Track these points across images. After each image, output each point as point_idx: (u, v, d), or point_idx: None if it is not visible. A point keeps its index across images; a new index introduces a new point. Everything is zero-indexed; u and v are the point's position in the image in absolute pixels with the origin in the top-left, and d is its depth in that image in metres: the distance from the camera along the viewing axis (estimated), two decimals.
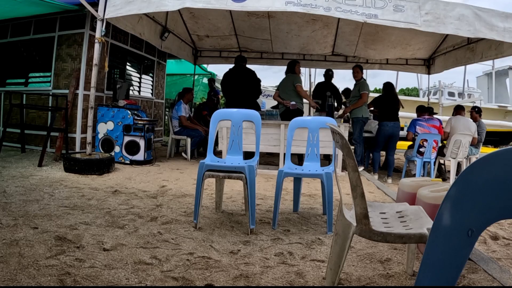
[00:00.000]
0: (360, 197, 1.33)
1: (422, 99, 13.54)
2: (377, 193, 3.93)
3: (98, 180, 3.72)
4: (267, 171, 4.80)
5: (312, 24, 6.35)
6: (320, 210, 2.98)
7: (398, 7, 3.85)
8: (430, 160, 4.98)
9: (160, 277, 1.64)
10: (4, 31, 5.72)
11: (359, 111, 5.27)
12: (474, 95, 17.07)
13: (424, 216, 1.52)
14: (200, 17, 6.36)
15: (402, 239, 1.33)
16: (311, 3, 3.81)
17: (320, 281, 1.69)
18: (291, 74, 5.38)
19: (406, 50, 7.14)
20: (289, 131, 2.76)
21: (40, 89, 5.55)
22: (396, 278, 1.74)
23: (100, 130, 4.89)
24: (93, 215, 2.49)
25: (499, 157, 0.84)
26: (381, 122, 5.25)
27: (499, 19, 3.88)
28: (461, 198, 0.88)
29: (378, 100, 5.60)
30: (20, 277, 1.54)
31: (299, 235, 2.34)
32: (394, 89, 5.46)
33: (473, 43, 5.62)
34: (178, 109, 5.83)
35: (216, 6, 3.95)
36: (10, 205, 2.57)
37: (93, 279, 1.57)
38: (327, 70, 6.39)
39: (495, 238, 2.47)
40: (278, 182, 2.49)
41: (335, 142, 1.57)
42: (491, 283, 1.74)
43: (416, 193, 2.13)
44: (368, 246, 2.16)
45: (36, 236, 2.02)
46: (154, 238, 2.13)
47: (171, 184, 3.77)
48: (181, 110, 5.80)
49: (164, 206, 2.86)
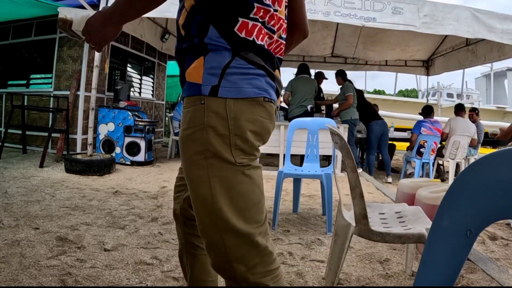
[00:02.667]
0: (359, 198, 1.34)
1: (421, 100, 13.56)
2: (376, 193, 3.94)
3: (99, 180, 3.73)
4: (267, 172, 4.81)
5: (311, 26, 6.25)
6: (320, 211, 2.99)
7: (397, 9, 3.87)
8: (429, 161, 4.99)
9: (161, 277, 1.65)
10: (5, 33, 5.74)
11: (347, 113, 5.29)
12: (472, 96, 17.11)
13: (423, 216, 1.53)
14: None
15: (401, 239, 1.34)
16: (310, 8, 3.83)
17: (320, 281, 1.70)
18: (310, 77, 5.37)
19: (405, 52, 7.16)
20: (289, 132, 2.77)
21: (41, 90, 5.57)
22: (395, 278, 1.75)
23: (101, 131, 4.90)
24: (94, 216, 2.50)
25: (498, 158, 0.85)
26: (369, 123, 5.35)
27: (497, 21, 3.90)
28: (459, 199, 0.89)
29: None
30: (21, 277, 1.55)
31: (298, 235, 2.35)
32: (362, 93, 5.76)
33: (472, 44, 5.63)
34: (180, 109, 5.85)
35: None
36: (11, 205, 2.58)
37: (94, 279, 1.58)
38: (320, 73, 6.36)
39: (494, 238, 2.49)
40: (277, 182, 2.50)
41: (334, 143, 1.58)
42: (489, 283, 1.75)
43: (415, 193, 2.14)
44: (368, 246, 2.17)
45: (38, 236, 2.03)
46: (155, 239, 2.14)
47: (171, 184, 3.78)
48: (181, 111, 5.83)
49: (164, 207, 2.87)
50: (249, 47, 0.83)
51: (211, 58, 0.82)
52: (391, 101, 12.54)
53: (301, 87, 5.16)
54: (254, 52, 0.84)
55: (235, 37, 0.82)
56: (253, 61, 0.83)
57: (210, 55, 0.83)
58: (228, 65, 0.82)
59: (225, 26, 0.82)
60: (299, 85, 5.18)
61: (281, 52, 0.95)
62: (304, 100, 5.07)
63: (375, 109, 5.65)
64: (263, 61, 0.85)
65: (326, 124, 1.69)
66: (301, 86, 5.17)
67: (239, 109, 0.81)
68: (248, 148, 0.83)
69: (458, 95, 16.54)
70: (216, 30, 0.82)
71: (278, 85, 0.92)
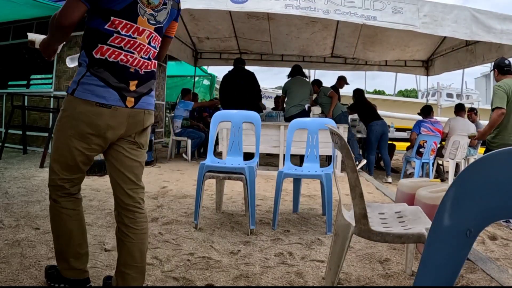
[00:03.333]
0: (359, 198, 1.34)
1: (420, 100, 13.57)
2: (376, 193, 3.94)
3: (99, 181, 3.73)
4: (267, 172, 4.82)
5: (311, 26, 6.37)
6: (320, 211, 2.99)
7: (397, 9, 3.88)
8: (428, 161, 5.00)
9: (161, 277, 1.66)
10: (6, 33, 5.75)
11: (337, 110, 5.45)
12: (472, 96, 17.11)
13: (422, 216, 1.53)
14: (200, 19, 6.39)
15: (400, 239, 1.34)
16: (310, 6, 3.84)
17: (320, 281, 1.70)
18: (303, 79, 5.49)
19: (404, 52, 7.17)
20: (289, 132, 2.77)
21: (41, 91, 5.57)
22: (395, 278, 1.76)
23: None
24: (94, 216, 2.51)
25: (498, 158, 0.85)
26: (369, 123, 5.38)
27: (496, 21, 3.91)
28: (459, 199, 0.89)
29: (354, 107, 5.83)
30: (22, 277, 1.56)
31: (298, 235, 2.35)
32: (363, 93, 5.88)
33: (472, 44, 5.64)
34: (184, 104, 5.86)
35: (216, 7, 3.98)
36: (12, 206, 2.59)
37: (95, 280, 1.59)
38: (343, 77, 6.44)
39: (494, 238, 2.49)
40: (278, 183, 2.51)
41: (334, 143, 1.58)
42: (489, 283, 1.75)
43: (415, 193, 2.15)
44: (367, 246, 2.18)
45: (38, 236, 2.03)
46: (155, 239, 2.14)
47: (171, 185, 3.79)
48: (188, 105, 5.86)
49: (164, 207, 2.87)
50: (101, 64, 1.27)
51: (78, 71, 1.31)
52: (391, 101, 12.56)
53: (296, 88, 5.30)
54: (105, 67, 1.28)
55: (91, 57, 1.28)
56: (99, 76, 1.27)
57: (79, 69, 1.31)
58: (83, 77, 1.28)
59: (88, 50, 1.29)
60: (294, 86, 5.32)
61: (147, 67, 1.39)
62: (301, 100, 5.17)
63: (375, 109, 5.67)
64: (112, 75, 1.29)
65: (326, 124, 1.70)
66: (296, 87, 5.31)
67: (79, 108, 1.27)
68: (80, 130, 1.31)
69: (458, 95, 16.54)
70: (84, 52, 1.30)
71: (127, 93, 1.33)
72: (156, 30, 1.40)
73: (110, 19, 1.27)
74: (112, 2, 1.26)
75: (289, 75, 5.51)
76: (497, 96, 3.11)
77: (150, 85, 1.42)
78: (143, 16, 1.34)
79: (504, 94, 3.08)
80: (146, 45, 1.36)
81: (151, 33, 1.38)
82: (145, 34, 1.35)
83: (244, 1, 3.92)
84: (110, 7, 1.26)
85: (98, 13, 1.26)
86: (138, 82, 1.35)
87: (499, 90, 3.12)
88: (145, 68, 1.38)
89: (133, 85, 1.33)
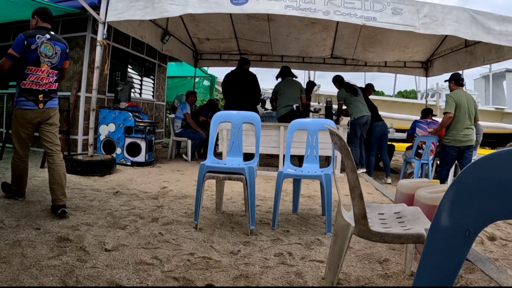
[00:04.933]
0: (359, 198, 1.35)
1: (420, 101, 13.57)
2: (376, 194, 3.95)
3: (100, 181, 3.74)
4: (266, 172, 4.82)
5: (311, 27, 6.39)
6: (319, 211, 3.00)
7: (397, 10, 3.89)
8: (428, 162, 5.00)
9: (161, 277, 1.66)
10: (6, 34, 5.76)
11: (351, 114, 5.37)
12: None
13: (422, 216, 1.54)
14: (201, 20, 6.40)
15: (400, 240, 1.35)
16: (310, 7, 3.85)
17: (319, 281, 1.71)
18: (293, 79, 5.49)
19: (404, 53, 7.18)
20: (289, 133, 2.78)
21: None
22: (394, 278, 1.76)
23: (102, 132, 4.91)
24: (94, 216, 2.51)
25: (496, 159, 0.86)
26: (370, 124, 5.38)
27: (495, 23, 3.91)
28: (458, 199, 0.90)
29: None
30: (22, 277, 1.56)
31: (298, 235, 2.36)
32: (366, 92, 5.79)
33: (471, 45, 5.65)
34: (183, 107, 5.89)
35: (217, 10, 3.99)
36: (12, 206, 2.59)
37: (95, 279, 1.59)
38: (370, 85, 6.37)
39: (492, 238, 2.50)
40: (277, 183, 2.51)
41: (333, 144, 1.59)
42: (488, 283, 1.76)
43: (414, 194, 2.15)
44: (367, 246, 2.18)
45: (39, 236, 2.04)
46: (155, 239, 2.15)
47: (172, 185, 3.79)
48: (186, 108, 5.87)
49: (165, 207, 2.88)
50: (24, 90, 2.53)
51: (15, 94, 2.57)
52: (390, 102, 12.54)
53: (284, 89, 5.35)
54: (27, 91, 2.54)
55: (20, 87, 2.53)
56: (24, 96, 2.53)
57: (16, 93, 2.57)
58: (18, 98, 2.55)
59: (18, 83, 2.54)
60: (283, 87, 5.38)
61: (50, 86, 2.65)
62: (289, 101, 5.23)
63: (377, 110, 5.64)
64: (29, 94, 2.54)
65: (326, 125, 1.70)
66: (285, 88, 5.36)
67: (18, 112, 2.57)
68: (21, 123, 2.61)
69: None
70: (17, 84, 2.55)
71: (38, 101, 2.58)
72: (52, 68, 2.63)
73: (26, 67, 2.51)
74: (27, 58, 2.48)
75: (278, 76, 5.57)
76: (448, 104, 4.09)
77: (51, 95, 2.65)
78: (43, 62, 2.57)
79: (453, 102, 4.05)
80: (46, 76, 2.61)
81: (48, 70, 2.61)
82: (45, 72, 2.59)
83: (244, 2, 3.93)
84: (27, 60, 2.49)
85: (21, 64, 2.50)
86: (43, 95, 2.60)
87: (450, 99, 4.08)
88: (48, 87, 2.63)
89: (41, 97, 2.59)
